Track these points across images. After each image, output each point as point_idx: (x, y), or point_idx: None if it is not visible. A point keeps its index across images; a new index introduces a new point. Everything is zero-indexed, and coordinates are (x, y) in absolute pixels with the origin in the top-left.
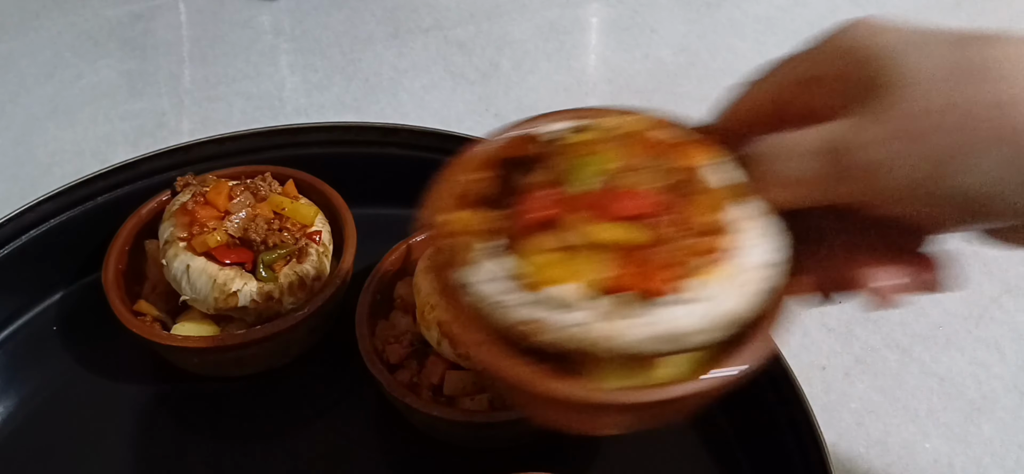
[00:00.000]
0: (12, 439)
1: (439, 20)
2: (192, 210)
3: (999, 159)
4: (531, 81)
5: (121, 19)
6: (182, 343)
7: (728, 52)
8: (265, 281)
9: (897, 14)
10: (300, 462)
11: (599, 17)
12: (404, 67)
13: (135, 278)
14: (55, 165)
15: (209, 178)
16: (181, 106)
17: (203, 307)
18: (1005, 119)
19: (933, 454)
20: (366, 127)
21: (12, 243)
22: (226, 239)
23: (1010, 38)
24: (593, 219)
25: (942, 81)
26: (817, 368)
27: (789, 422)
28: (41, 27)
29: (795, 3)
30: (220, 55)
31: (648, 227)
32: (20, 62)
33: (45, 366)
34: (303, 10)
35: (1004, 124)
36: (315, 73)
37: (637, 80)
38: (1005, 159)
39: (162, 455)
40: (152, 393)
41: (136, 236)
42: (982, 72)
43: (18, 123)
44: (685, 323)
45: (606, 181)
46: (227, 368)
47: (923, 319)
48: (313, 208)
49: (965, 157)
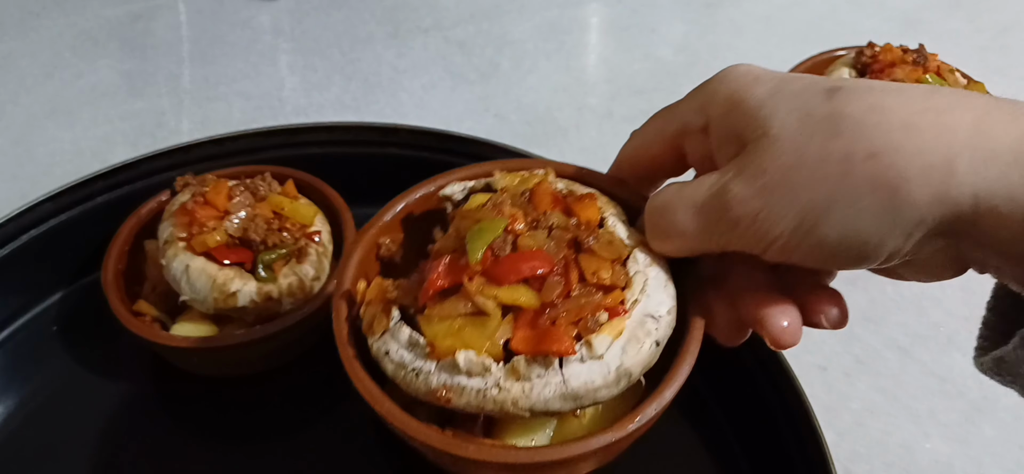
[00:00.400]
0: (12, 439)
1: (439, 20)
2: (192, 210)
3: (872, 206)
4: (531, 81)
5: (121, 19)
6: (182, 343)
7: (728, 52)
8: (264, 281)
9: (897, 14)
10: (300, 462)
11: (599, 17)
12: (404, 67)
13: (134, 278)
14: (55, 165)
15: (209, 178)
16: (181, 106)
17: (202, 307)
18: (877, 169)
19: (933, 454)
20: (365, 127)
21: (12, 243)
22: (225, 239)
23: (874, 88)
24: (493, 284)
25: (811, 135)
26: (818, 368)
27: (789, 422)
28: (41, 27)
29: (795, 3)
30: (220, 55)
31: (547, 287)
32: (20, 62)
33: (45, 366)
34: (303, 10)
35: (878, 173)
36: (314, 73)
37: (637, 80)
38: (878, 206)
39: (162, 455)
40: (152, 393)
41: (136, 236)
42: (850, 125)
43: (18, 123)
44: (588, 380)
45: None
46: (227, 368)
47: (923, 319)
48: (313, 208)
49: (838, 207)
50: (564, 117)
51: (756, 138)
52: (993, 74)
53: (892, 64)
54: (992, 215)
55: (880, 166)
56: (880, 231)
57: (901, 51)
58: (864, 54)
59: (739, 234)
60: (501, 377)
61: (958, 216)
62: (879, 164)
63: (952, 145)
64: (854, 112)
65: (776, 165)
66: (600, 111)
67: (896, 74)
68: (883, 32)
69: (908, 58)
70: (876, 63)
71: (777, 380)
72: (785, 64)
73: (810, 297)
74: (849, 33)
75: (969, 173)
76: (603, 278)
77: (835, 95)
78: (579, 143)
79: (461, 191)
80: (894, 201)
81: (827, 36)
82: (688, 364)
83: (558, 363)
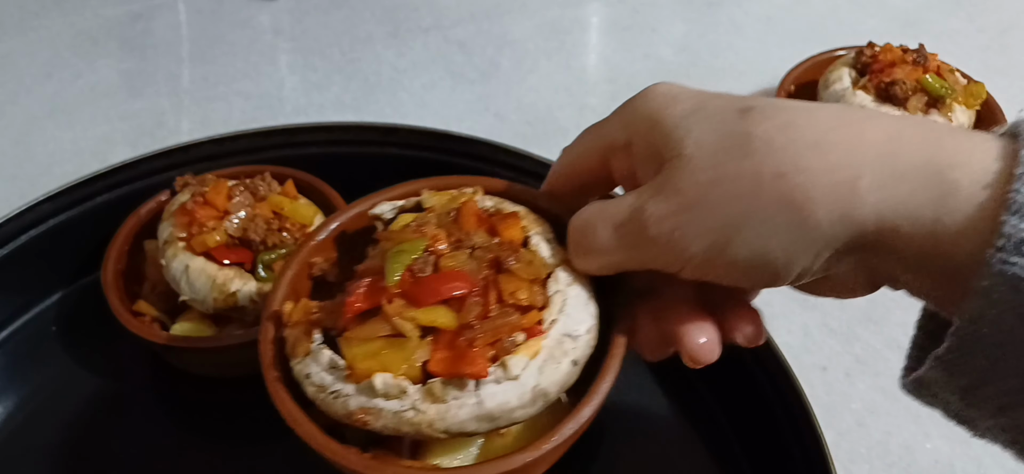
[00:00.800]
0: (12, 439)
1: (439, 20)
2: (191, 210)
3: (783, 225)
4: (531, 81)
5: (120, 19)
6: (181, 343)
7: (729, 51)
8: (264, 281)
9: (897, 14)
10: (300, 462)
11: (599, 16)
12: (404, 67)
13: (134, 278)
14: (54, 165)
15: (208, 178)
16: (180, 106)
17: (202, 307)
18: (784, 188)
19: (934, 454)
20: (365, 127)
21: (11, 243)
22: (225, 239)
23: (787, 107)
24: (412, 305)
25: (724, 154)
26: (818, 368)
27: (790, 422)
28: (40, 27)
29: (795, 3)
30: (219, 55)
31: (466, 308)
32: (19, 62)
33: (45, 366)
34: (302, 10)
35: (785, 192)
36: (314, 73)
37: (637, 80)
38: (786, 226)
39: (162, 455)
40: (151, 393)
41: (135, 236)
42: (761, 144)
43: (17, 123)
44: (503, 401)
45: (426, 265)
46: (227, 368)
47: None
48: (312, 208)
49: (749, 226)
50: (564, 117)
51: (673, 157)
52: (993, 74)
53: (892, 64)
54: (895, 235)
55: (787, 186)
56: (788, 251)
57: (901, 51)
58: (864, 54)
59: (657, 253)
60: (418, 399)
61: (863, 235)
62: (787, 184)
63: (859, 165)
64: (765, 131)
65: (691, 185)
66: (600, 111)
67: (896, 74)
68: (883, 32)
69: (908, 58)
70: (876, 63)
71: (777, 380)
72: (785, 64)
73: (730, 314)
74: (849, 33)
75: (872, 193)
76: (521, 299)
77: (748, 114)
78: None
79: (391, 210)
80: (801, 221)
81: (827, 36)
82: (608, 382)
83: (474, 384)
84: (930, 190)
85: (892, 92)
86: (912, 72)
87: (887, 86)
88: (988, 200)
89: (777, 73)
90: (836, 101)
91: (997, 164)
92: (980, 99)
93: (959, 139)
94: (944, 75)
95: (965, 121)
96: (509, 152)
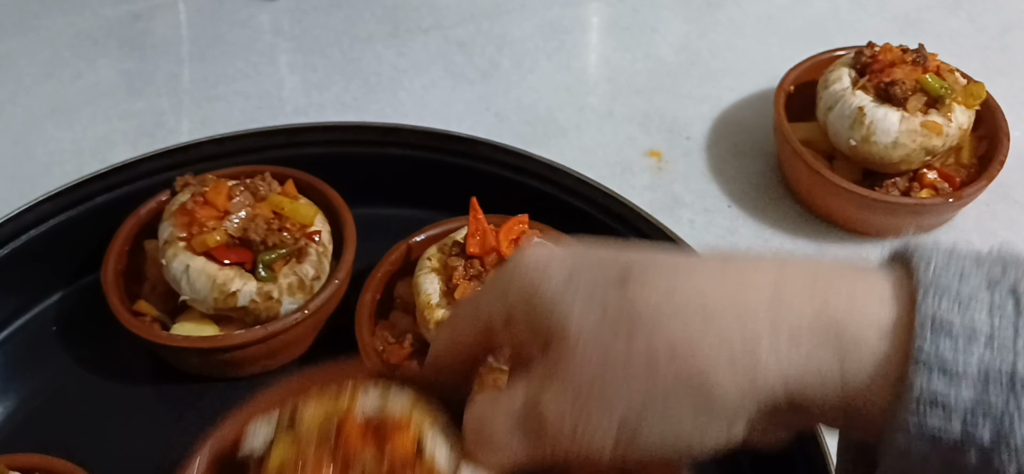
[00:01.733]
0: (12, 439)
1: (439, 20)
2: (191, 210)
3: (689, 407)
4: (531, 80)
5: (120, 19)
6: (182, 343)
7: (729, 51)
8: (265, 281)
9: (897, 14)
10: None
11: (600, 16)
12: (404, 67)
13: (134, 278)
14: (54, 165)
15: (208, 178)
16: (180, 106)
17: (202, 307)
18: (681, 367)
19: None
20: (366, 127)
21: (11, 243)
22: (226, 239)
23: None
24: None
25: (611, 333)
26: None
27: None
28: (40, 27)
29: (796, 2)
30: (219, 55)
31: None
32: (19, 62)
33: (45, 366)
34: (303, 10)
35: (683, 372)
36: (315, 73)
37: (638, 79)
38: (692, 405)
39: (162, 455)
40: (151, 393)
41: (135, 236)
42: (647, 320)
43: (17, 123)
44: None
45: None
46: (227, 368)
47: None
48: (313, 208)
49: (652, 410)
50: (565, 117)
51: (558, 339)
52: (993, 74)
53: (892, 64)
54: (804, 396)
55: (685, 366)
56: (699, 429)
57: (901, 51)
58: (864, 54)
59: (566, 450)
60: None
61: (774, 399)
62: (683, 362)
63: (753, 330)
64: (649, 303)
65: (583, 372)
66: (601, 111)
67: (896, 74)
68: (883, 32)
69: (908, 58)
70: (876, 63)
71: None
72: (785, 64)
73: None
74: (849, 33)
75: (773, 357)
76: None
77: (628, 284)
78: (579, 143)
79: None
80: (706, 398)
81: (827, 36)
82: None
83: None
84: (829, 347)
85: (892, 92)
86: (912, 72)
87: (887, 86)
88: (893, 352)
89: (777, 73)
90: (836, 101)
91: (892, 310)
92: (980, 99)
93: (847, 279)
94: (944, 75)
95: (965, 121)
96: (509, 152)
